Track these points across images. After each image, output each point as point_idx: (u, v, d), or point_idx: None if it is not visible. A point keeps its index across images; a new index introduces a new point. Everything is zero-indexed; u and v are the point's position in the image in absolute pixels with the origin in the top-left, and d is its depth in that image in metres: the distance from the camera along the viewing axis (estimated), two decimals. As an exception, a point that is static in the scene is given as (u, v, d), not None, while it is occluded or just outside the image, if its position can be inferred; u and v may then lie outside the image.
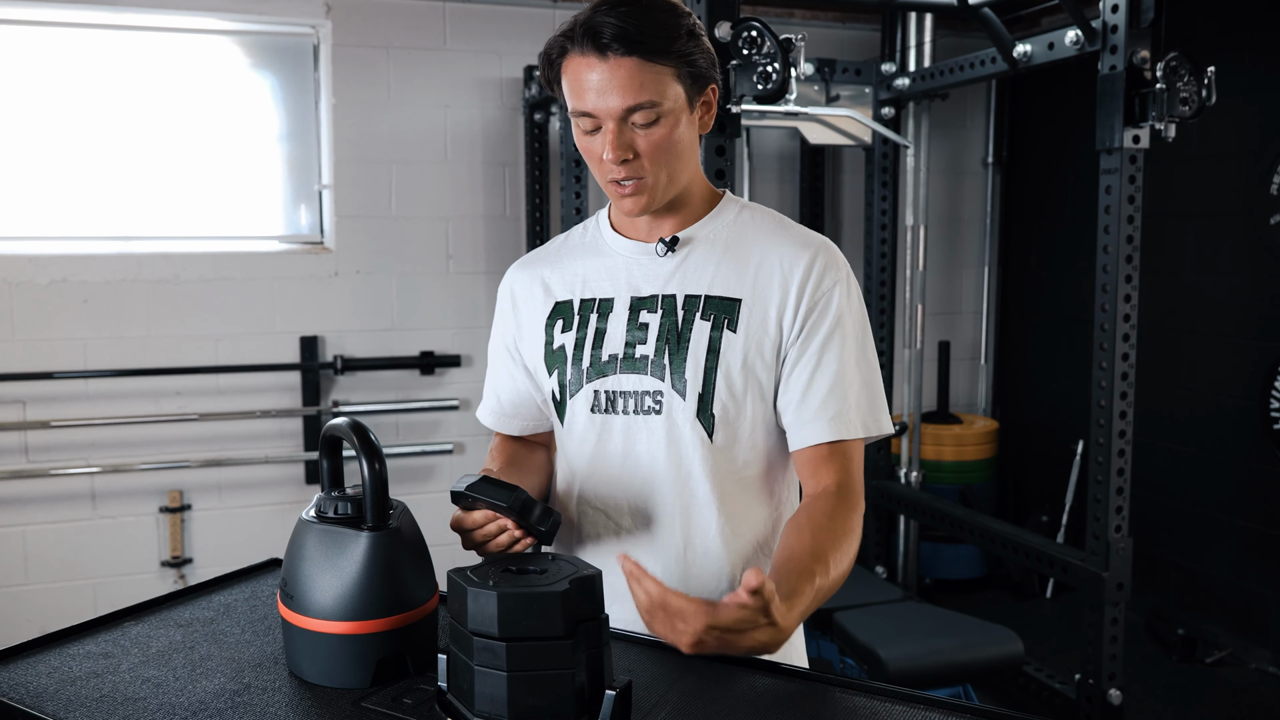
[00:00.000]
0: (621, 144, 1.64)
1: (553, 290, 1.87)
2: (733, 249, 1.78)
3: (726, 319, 1.73)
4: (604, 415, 1.78)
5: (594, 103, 1.63)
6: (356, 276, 5.16)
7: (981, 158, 6.32)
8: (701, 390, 1.72)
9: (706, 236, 1.80)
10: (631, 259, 1.82)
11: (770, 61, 3.14)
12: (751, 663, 1.53)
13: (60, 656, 1.51)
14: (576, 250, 1.90)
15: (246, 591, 1.80)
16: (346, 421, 1.49)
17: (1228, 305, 4.99)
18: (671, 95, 1.65)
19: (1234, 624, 5.02)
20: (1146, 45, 3.57)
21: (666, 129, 1.66)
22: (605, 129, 1.65)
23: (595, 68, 1.62)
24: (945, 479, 5.78)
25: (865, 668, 3.67)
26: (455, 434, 5.35)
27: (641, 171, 1.67)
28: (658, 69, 1.63)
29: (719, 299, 1.74)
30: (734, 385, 1.73)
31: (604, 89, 1.62)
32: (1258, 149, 4.77)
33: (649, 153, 1.66)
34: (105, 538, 4.89)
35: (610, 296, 1.81)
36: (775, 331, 1.73)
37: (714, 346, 1.72)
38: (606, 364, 1.78)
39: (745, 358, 1.73)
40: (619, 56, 1.60)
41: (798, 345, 1.73)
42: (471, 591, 1.28)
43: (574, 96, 1.66)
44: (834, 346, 1.72)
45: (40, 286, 4.70)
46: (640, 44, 1.60)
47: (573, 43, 1.64)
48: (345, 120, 5.09)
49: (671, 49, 1.63)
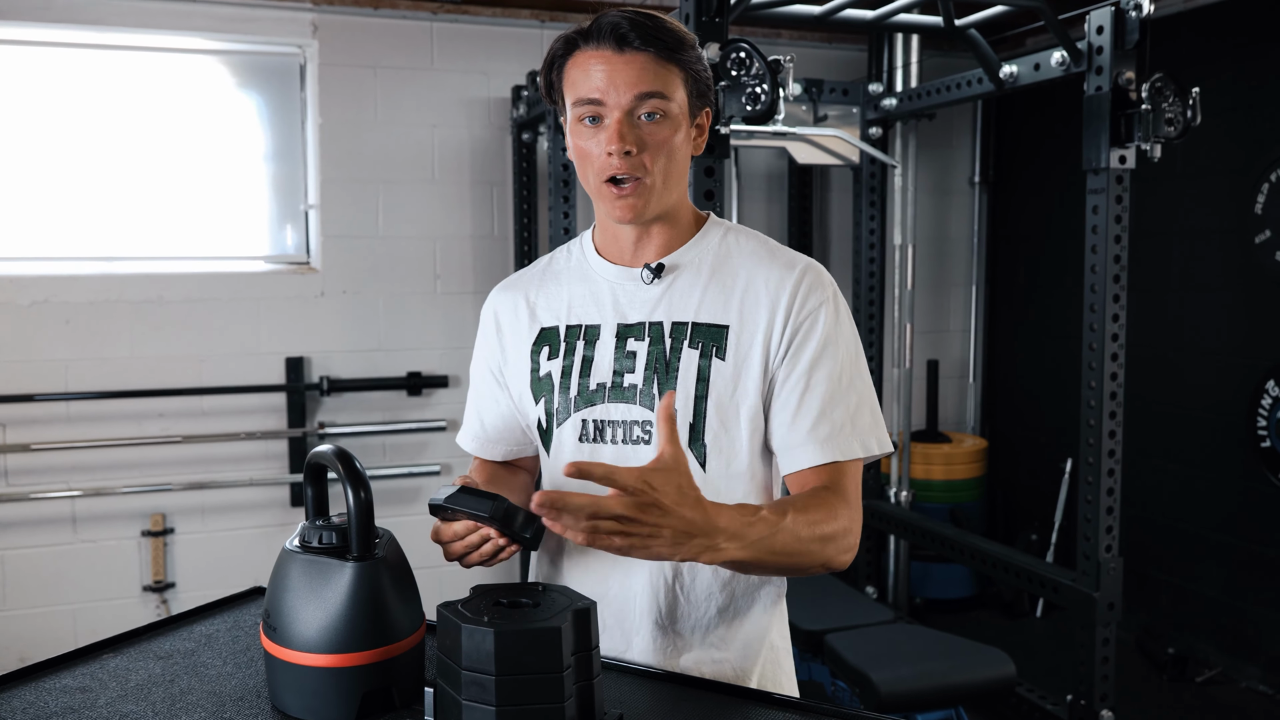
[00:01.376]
0: (625, 134, 1.63)
1: (538, 315, 1.85)
2: (718, 273, 1.76)
3: (715, 346, 1.70)
4: (592, 444, 1.75)
5: (604, 90, 1.63)
6: (343, 297, 5.13)
7: (968, 177, 6.32)
8: (693, 420, 1.70)
9: (692, 261, 1.77)
10: (617, 284, 1.79)
11: (759, 82, 3.14)
12: (744, 693, 1.51)
13: (36, 691, 1.48)
14: (561, 274, 1.87)
15: (229, 621, 1.77)
16: (331, 449, 1.47)
17: (1214, 323, 4.99)
18: (679, 98, 1.67)
19: (1225, 642, 5.01)
20: (1131, 66, 3.59)
21: (670, 130, 1.66)
22: (609, 120, 1.64)
23: (610, 60, 1.63)
24: (935, 498, 5.77)
25: (857, 691, 3.64)
26: (443, 455, 5.32)
27: (641, 170, 1.65)
28: (669, 69, 1.65)
29: (706, 326, 1.72)
30: (725, 414, 1.70)
31: (615, 78, 1.62)
32: (1242, 168, 4.78)
33: (652, 149, 1.65)
34: (86, 562, 4.84)
35: (597, 323, 1.78)
36: (763, 356, 1.70)
37: (703, 375, 1.70)
38: (595, 393, 1.75)
39: (736, 386, 1.70)
40: (634, 51, 1.62)
41: (785, 367, 1.70)
42: (466, 629, 1.26)
43: (581, 86, 1.65)
44: (823, 367, 1.69)
45: (22, 307, 4.66)
46: (658, 40, 1.63)
47: (585, 39, 1.65)
48: (332, 140, 5.07)
49: (682, 54, 1.66)
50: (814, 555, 1.58)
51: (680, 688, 1.50)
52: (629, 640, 1.74)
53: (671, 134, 1.66)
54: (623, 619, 1.74)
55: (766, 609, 1.79)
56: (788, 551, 1.54)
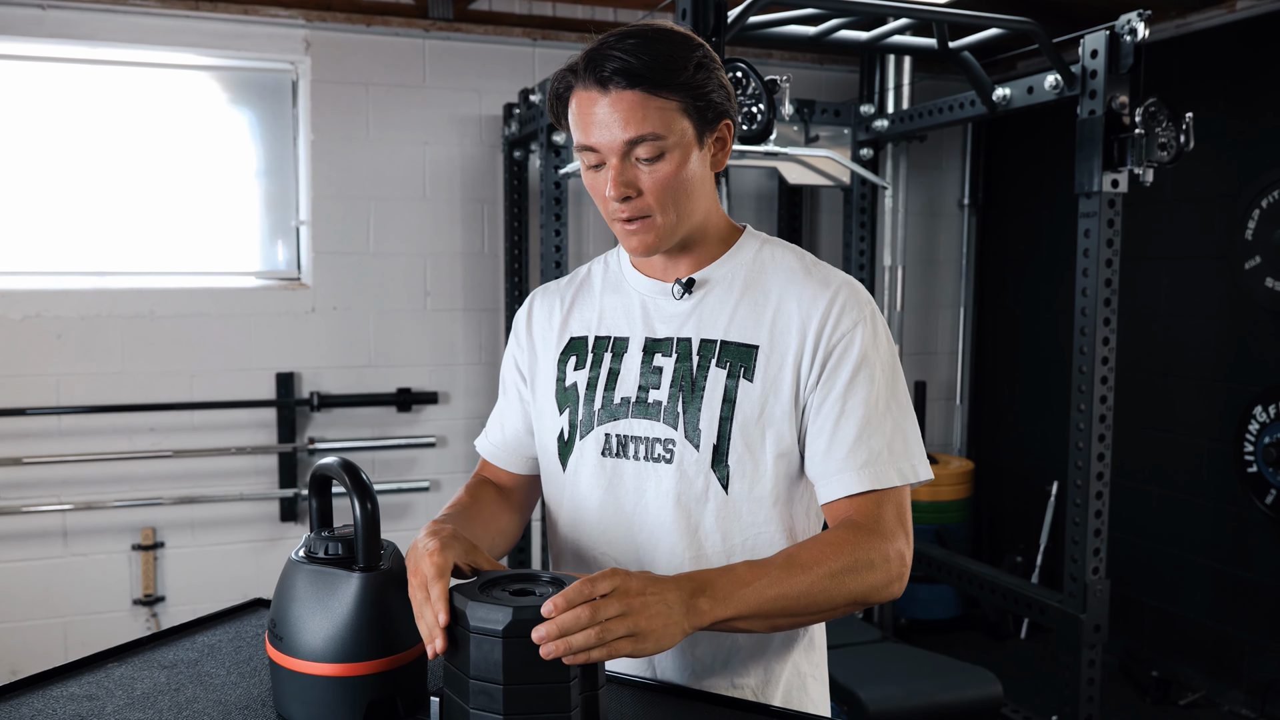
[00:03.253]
0: (623, 180, 1.58)
1: (570, 324, 1.81)
2: (750, 291, 1.70)
3: (743, 367, 1.65)
4: (615, 459, 1.71)
5: (596, 136, 1.58)
6: (334, 313, 5.14)
7: (958, 199, 6.36)
8: (716, 442, 1.64)
9: (724, 277, 1.72)
10: (648, 298, 1.75)
11: (755, 102, 3.16)
12: (748, 706, 1.52)
13: (44, 699, 1.49)
14: (595, 285, 1.83)
15: (230, 632, 1.77)
16: (338, 460, 1.47)
17: (1203, 348, 5.02)
18: (678, 130, 1.58)
19: (1208, 666, 5.03)
20: (1125, 91, 3.62)
21: (673, 165, 1.59)
22: (608, 164, 1.59)
23: (598, 101, 1.57)
24: (921, 519, 5.77)
25: (845, 709, 3.65)
26: (432, 471, 5.32)
27: (646, 209, 1.61)
28: (661, 102, 1.56)
29: (735, 345, 1.67)
30: (750, 437, 1.64)
31: (606, 122, 1.56)
32: (1234, 193, 4.82)
33: (653, 190, 1.59)
34: (77, 576, 4.83)
35: (625, 335, 1.75)
36: (793, 380, 1.64)
37: (729, 396, 1.65)
38: (619, 407, 1.71)
39: (763, 408, 1.64)
40: (620, 90, 1.55)
41: (819, 391, 1.64)
42: (474, 639, 1.27)
43: (578, 131, 1.60)
44: (859, 390, 1.62)
45: (13, 321, 4.66)
46: (643, 78, 1.54)
47: (577, 77, 1.59)
48: (323, 156, 5.08)
49: (676, 81, 1.57)
50: (831, 594, 1.51)
51: (689, 702, 1.51)
52: (651, 661, 1.70)
53: (675, 169, 1.59)
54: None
55: (791, 637, 1.74)
56: (794, 596, 1.48)
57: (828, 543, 1.54)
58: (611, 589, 1.33)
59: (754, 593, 1.45)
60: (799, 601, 1.49)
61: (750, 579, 1.46)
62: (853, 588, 1.52)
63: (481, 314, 5.36)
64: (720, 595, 1.42)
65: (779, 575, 1.48)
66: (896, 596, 1.59)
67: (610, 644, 1.30)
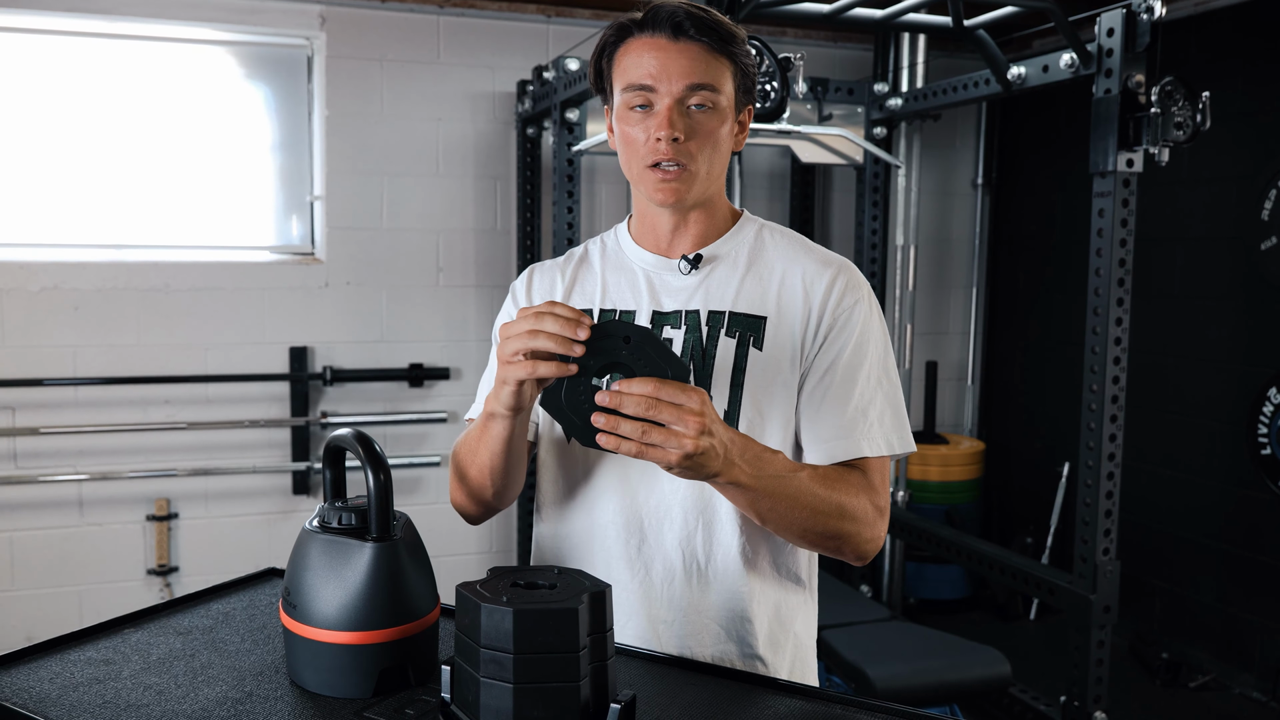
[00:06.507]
0: (675, 121, 1.64)
1: (573, 298, 1.84)
2: (755, 266, 1.77)
3: (752, 336, 1.71)
4: None
5: (656, 77, 1.65)
6: (347, 288, 5.16)
7: (971, 179, 6.34)
8: (728, 408, 1.70)
9: (729, 253, 1.79)
10: (653, 272, 1.80)
11: (769, 80, 3.16)
12: (754, 679, 1.53)
13: (62, 662, 1.51)
14: (596, 262, 1.87)
15: (244, 600, 1.79)
16: (351, 432, 1.48)
17: (1217, 330, 5.01)
18: (727, 91, 1.69)
19: (1218, 649, 5.03)
20: (1141, 69, 3.59)
21: (717, 121, 1.68)
22: (659, 107, 1.65)
23: (665, 48, 1.65)
24: (931, 499, 5.79)
25: (853, 686, 3.67)
26: (443, 446, 5.34)
27: (687, 157, 1.66)
28: (721, 61, 1.67)
29: (744, 315, 1.73)
30: (760, 403, 1.70)
31: (670, 66, 1.64)
32: (1250, 174, 4.80)
33: (700, 137, 1.66)
34: (92, 545, 4.87)
35: (632, 309, 1.78)
36: (798, 349, 1.72)
37: (740, 364, 1.71)
38: None
39: (772, 376, 1.71)
40: (689, 40, 1.64)
41: (818, 362, 1.71)
42: (485, 608, 1.28)
43: (633, 72, 1.67)
44: (853, 364, 1.70)
45: (31, 293, 4.68)
46: (714, 32, 1.65)
47: (640, 26, 1.67)
48: (338, 132, 5.09)
49: (734, 48, 1.68)
50: (830, 522, 1.61)
51: (692, 674, 1.53)
52: (657, 633, 1.74)
53: (718, 125, 1.68)
54: (648, 606, 1.74)
55: (793, 605, 1.81)
56: (800, 502, 1.58)
57: (845, 479, 1.65)
58: (700, 407, 1.42)
59: (777, 481, 1.55)
60: (803, 512, 1.59)
61: (784, 472, 1.57)
62: (847, 529, 1.64)
63: (494, 290, 5.37)
64: (755, 469, 1.53)
65: (805, 480, 1.59)
66: (864, 560, 1.71)
67: (656, 448, 1.41)
